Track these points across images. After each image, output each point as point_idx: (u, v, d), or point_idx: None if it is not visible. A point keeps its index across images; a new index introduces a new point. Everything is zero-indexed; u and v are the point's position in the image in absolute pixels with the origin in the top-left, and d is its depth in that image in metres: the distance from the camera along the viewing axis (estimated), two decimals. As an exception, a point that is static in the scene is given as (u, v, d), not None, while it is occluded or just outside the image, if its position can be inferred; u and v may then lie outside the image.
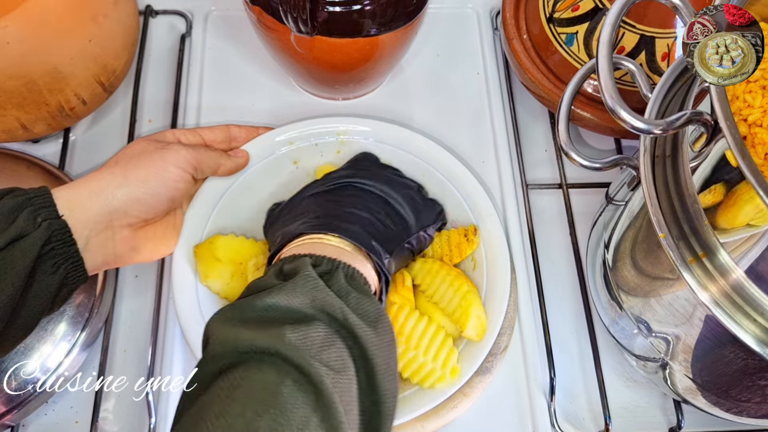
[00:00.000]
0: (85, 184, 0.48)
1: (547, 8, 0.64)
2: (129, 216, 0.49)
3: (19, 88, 0.55)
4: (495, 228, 0.57)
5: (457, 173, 0.60)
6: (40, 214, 0.44)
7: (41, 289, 0.44)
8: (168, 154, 0.51)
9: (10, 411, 0.53)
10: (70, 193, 0.47)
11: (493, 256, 0.57)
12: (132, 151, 0.52)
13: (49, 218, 0.45)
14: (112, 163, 0.51)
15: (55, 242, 0.45)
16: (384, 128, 0.62)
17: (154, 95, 0.70)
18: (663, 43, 0.58)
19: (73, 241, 0.46)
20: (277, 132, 0.61)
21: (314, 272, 0.42)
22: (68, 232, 0.45)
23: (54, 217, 0.45)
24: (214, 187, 0.57)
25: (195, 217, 0.56)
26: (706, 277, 0.42)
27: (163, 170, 0.50)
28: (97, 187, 0.48)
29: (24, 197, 0.45)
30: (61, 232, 0.45)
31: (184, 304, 0.53)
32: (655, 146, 0.46)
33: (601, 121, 0.62)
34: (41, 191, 0.46)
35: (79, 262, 0.46)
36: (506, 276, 0.55)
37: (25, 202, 0.45)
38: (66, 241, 0.45)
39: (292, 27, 0.54)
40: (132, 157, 0.51)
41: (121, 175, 0.49)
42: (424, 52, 0.73)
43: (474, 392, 0.54)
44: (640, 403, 0.59)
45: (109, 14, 0.59)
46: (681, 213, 0.43)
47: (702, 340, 0.46)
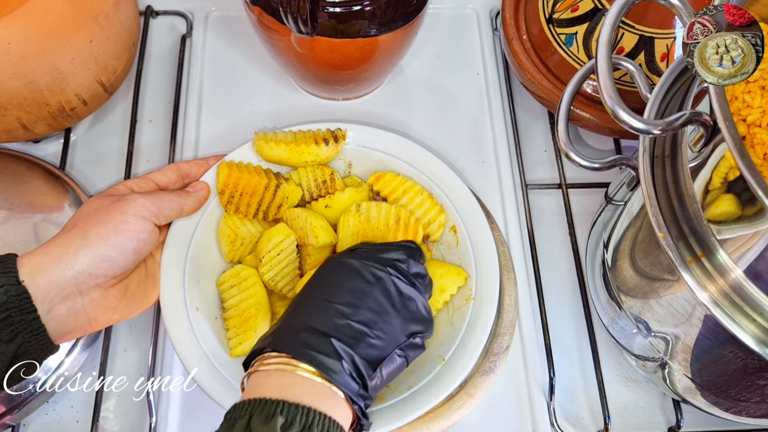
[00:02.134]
0: (46, 250, 0.46)
1: (546, 9, 0.64)
2: (95, 277, 0.47)
3: (20, 89, 0.55)
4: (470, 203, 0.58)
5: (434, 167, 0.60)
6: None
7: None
8: (125, 206, 0.49)
9: (10, 411, 0.53)
10: (32, 260, 0.45)
11: (472, 227, 0.57)
12: (88, 210, 0.49)
13: (6, 284, 0.43)
14: (70, 225, 0.49)
15: (12, 308, 0.43)
16: (366, 132, 0.61)
17: (154, 95, 0.70)
18: (662, 44, 0.58)
19: (33, 308, 0.44)
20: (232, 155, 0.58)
21: None
22: (27, 298, 0.43)
23: (13, 283, 0.43)
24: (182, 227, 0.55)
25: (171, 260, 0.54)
26: (705, 277, 0.42)
27: (122, 223, 0.48)
28: (57, 253, 0.46)
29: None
30: (18, 299, 0.43)
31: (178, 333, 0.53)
32: (655, 146, 0.46)
33: (600, 122, 0.62)
34: (6, 257, 0.45)
35: (40, 330, 0.44)
36: (491, 244, 0.56)
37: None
38: (24, 307, 0.43)
39: (292, 27, 0.54)
40: (89, 215, 0.49)
41: (81, 236, 0.47)
42: (424, 52, 0.74)
43: (478, 392, 0.54)
44: (639, 402, 0.59)
45: (110, 15, 0.59)
46: (680, 213, 0.43)
47: (701, 340, 0.46)
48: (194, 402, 0.56)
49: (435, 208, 0.58)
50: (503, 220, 0.64)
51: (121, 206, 0.49)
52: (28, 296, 0.44)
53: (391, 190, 0.58)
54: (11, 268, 0.44)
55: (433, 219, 0.58)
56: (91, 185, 0.65)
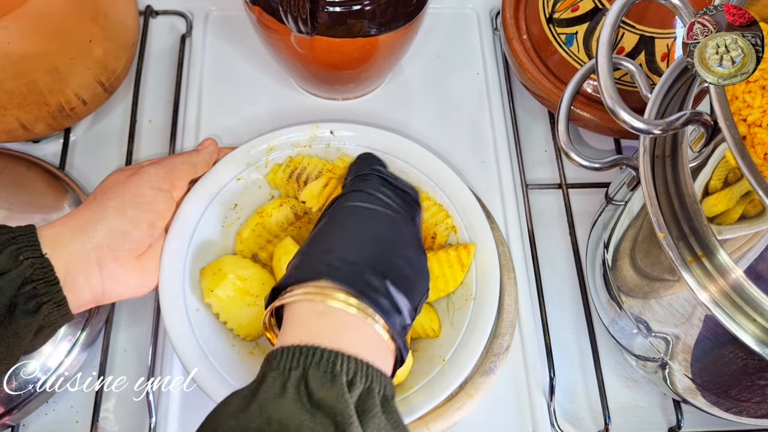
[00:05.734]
0: (67, 222, 0.47)
1: (546, 9, 0.64)
2: (112, 250, 0.48)
3: (20, 88, 0.55)
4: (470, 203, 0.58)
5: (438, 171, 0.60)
6: (22, 252, 0.43)
7: (20, 328, 0.43)
8: (139, 178, 0.50)
9: (10, 411, 0.53)
10: (53, 231, 0.46)
11: (472, 227, 0.57)
12: (107, 184, 0.51)
13: (31, 257, 0.44)
14: (90, 199, 0.50)
15: (37, 281, 0.43)
16: (366, 133, 0.61)
17: (154, 95, 0.70)
18: (662, 44, 0.58)
19: (56, 280, 0.44)
20: (251, 145, 0.59)
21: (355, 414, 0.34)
22: (51, 270, 0.44)
23: (37, 256, 0.44)
24: (183, 223, 0.55)
25: (171, 259, 0.54)
26: (706, 277, 0.42)
27: (138, 196, 0.49)
28: (77, 225, 0.47)
29: (8, 236, 0.44)
30: (43, 271, 0.44)
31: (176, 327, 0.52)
32: (655, 146, 0.46)
33: (600, 121, 0.62)
34: (26, 230, 0.45)
35: (62, 302, 0.45)
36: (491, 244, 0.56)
37: (9, 240, 0.44)
38: (49, 279, 0.44)
39: (292, 27, 0.54)
40: (107, 189, 0.50)
41: (99, 209, 0.48)
42: (424, 52, 0.73)
43: (478, 393, 0.54)
44: (639, 402, 0.59)
45: (110, 14, 0.59)
46: (680, 213, 0.43)
47: (701, 340, 0.46)
48: (194, 402, 0.56)
49: (441, 212, 0.58)
50: (503, 220, 0.64)
51: (135, 179, 0.50)
52: (52, 268, 0.44)
53: None
54: (33, 240, 0.44)
55: (440, 221, 0.58)
56: (90, 185, 0.65)
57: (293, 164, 0.59)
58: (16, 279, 0.42)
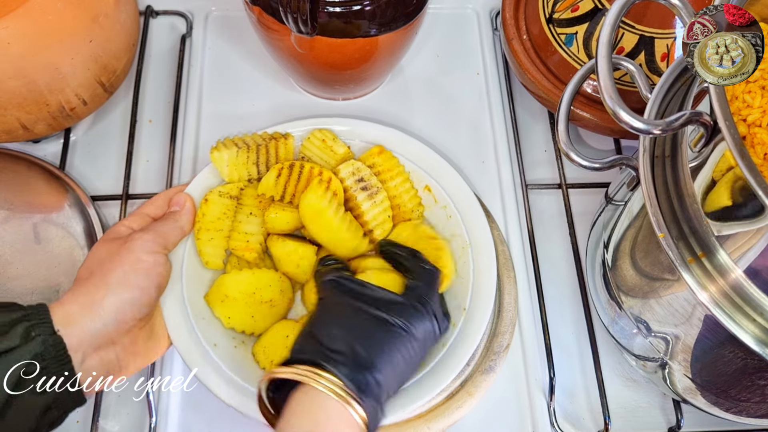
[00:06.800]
0: (73, 298, 0.46)
1: (546, 9, 0.64)
2: (124, 322, 0.47)
3: (20, 89, 0.55)
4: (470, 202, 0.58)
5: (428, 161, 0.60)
6: (34, 329, 0.42)
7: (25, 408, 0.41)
8: (133, 245, 0.49)
9: (10, 411, 0.53)
10: (63, 309, 0.45)
11: (472, 227, 0.57)
12: (99, 257, 0.49)
13: (44, 334, 0.42)
14: (86, 273, 0.49)
15: (49, 359, 0.42)
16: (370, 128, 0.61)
17: (154, 95, 0.70)
18: (662, 44, 0.58)
19: (68, 359, 0.43)
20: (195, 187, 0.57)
21: None
22: (64, 348, 0.43)
23: (50, 333, 0.43)
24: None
25: None
26: (706, 277, 0.42)
27: (137, 262, 0.48)
28: (86, 302, 0.46)
29: (20, 313, 0.43)
30: (55, 348, 0.43)
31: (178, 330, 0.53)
32: (655, 146, 0.46)
33: (600, 122, 0.62)
34: (39, 307, 0.44)
35: (74, 383, 0.44)
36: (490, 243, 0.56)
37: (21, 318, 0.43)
38: (61, 358, 0.43)
39: (292, 27, 0.54)
40: (102, 262, 0.49)
41: (103, 284, 0.47)
42: (424, 52, 0.74)
43: (479, 391, 0.54)
44: (639, 402, 0.59)
45: (110, 15, 0.59)
46: (680, 213, 0.43)
47: (701, 340, 0.46)
48: (194, 402, 0.56)
49: (413, 191, 0.59)
50: (503, 220, 0.64)
51: (129, 246, 0.49)
52: (64, 346, 0.43)
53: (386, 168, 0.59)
54: (46, 317, 0.43)
55: (410, 200, 0.59)
56: (90, 185, 0.65)
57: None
58: (25, 355, 0.41)
